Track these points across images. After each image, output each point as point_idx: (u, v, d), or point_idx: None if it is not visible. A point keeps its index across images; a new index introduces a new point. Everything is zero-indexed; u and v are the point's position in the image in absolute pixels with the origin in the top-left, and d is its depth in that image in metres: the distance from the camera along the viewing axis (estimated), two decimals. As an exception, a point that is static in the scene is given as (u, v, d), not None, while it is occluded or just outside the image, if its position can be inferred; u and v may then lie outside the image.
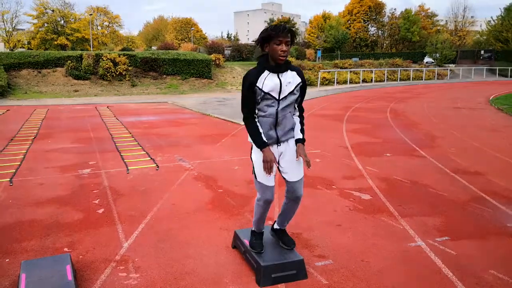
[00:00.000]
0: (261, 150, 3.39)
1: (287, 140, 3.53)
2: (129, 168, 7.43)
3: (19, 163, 7.84)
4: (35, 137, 10.73)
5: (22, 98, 22.91)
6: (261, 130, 3.42)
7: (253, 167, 3.54)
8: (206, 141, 10.15)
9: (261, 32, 3.31)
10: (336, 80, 34.53)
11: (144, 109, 18.03)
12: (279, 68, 3.32)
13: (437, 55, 54.05)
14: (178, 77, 30.23)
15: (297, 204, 3.68)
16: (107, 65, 27.30)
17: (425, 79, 42.51)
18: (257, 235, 3.83)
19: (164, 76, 30.02)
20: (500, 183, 6.43)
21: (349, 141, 10.01)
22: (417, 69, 44.59)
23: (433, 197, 5.76)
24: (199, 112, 16.43)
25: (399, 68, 41.61)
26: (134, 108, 18.64)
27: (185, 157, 8.34)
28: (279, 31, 3.18)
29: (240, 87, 3.81)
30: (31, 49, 55.00)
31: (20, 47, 60.67)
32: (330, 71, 35.88)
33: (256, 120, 3.46)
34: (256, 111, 3.46)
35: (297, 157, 3.47)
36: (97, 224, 4.85)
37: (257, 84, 3.31)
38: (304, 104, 3.62)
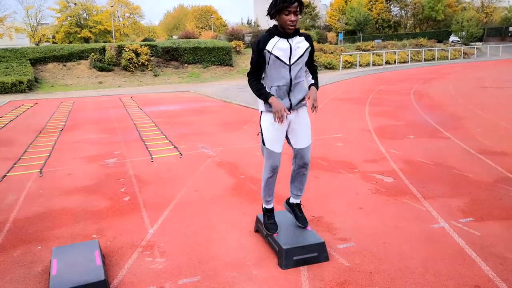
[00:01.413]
0: (268, 101, 3.44)
1: (297, 109, 3.61)
2: (153, 156, 7.56)
3: (48, 154, 8.05)
4: (62, 129, 10.98)
5: (49, 91, 23.38)
6: (263, 85, 3.53)
7: (261, 133, 3.62)
8: (228, 128, 10.22)
9: (271, 5, 3.34)
10: (359, 63, 34.12)
11: (166, 99, 18.20)
12: (288, 34, 3.39)
13: (463, 33, 52.67)
14: (199, 65, 30.34)
15: (306, 170, 3.76)
16: (129, 56, 27.57)
17: (450, 59, 41.57)
18: (268, 213, 3.88)
19: (186, 65, 30.17)
20: (527, 162, 6.32)
21: (371, 124, 9.94)
22: (442, 49, 43.60)
23: (457, 178, 5.70)
24: (221, 100, 16.49)
25: (423, 49, 40.78)
26: (157, 97, 18.83)
27: (208, 144, 8.43)
28: (287, 2, 3.22)
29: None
30: (56, 43, 55.87)
31: (45, 42, 61.66)
32: (352, 54, 35.45)
33: (262, 82, 3.56)
34: (270, 83, 3.52)
35: (307, 98, 3.52)
36: (123, 211, 4.97)
37: (267, 48, 3.38)
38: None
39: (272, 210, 3.91)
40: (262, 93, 3.47)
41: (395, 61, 37.09)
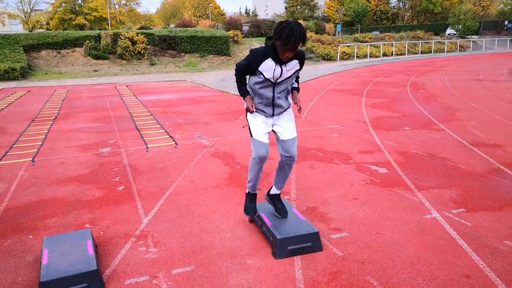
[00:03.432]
0: (243, 98, 3.68)
1: (279, 114, 3.78)
2: (148, 146, 7.54)
3: (41, 143, 8.02)
4: (56, 117, 10.92)
5: (42, 79, 23.21)
6: (246, 84, 3.73)
7: (249, 127, 3.75)
8: (224, 118, 10.20)
9: (275, 33, 3.30)
10: (356, 54, 34.05)
11: (163, 88, 18.12)
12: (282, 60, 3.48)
13: (460, 26, 52.62)
14: (196, 54, 30.20)
15: (291, 163, 3.84)
16: (125, 44, 27.40)
17: (447, 52, 41.56)
18: (251, 197, 4.01)
19: (183, 54, 30.03)
20: (521, 155, 6.35)
21: (368, 115, 9.94)
22: (439, 42, 43.57)
23: (450, 169, 5.72)
24: (218, 90, 16.44)
25: (420, 41, 40.75)
26: (153, 86, 18.75)
27: (204, 134, 8.41)
28: (289, 44, 3.24)
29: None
30: (50, 30, 55.38)
31: (39, 28, 61.13)
32: (350, 45, 35.36)
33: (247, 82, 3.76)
34: (253, 94, 3.70)
35: (292, 103, 3.68)
36: (117, 201, 4.96)
37: (259, 69, 3.50)
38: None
39: (255, 195, 4.04)
40: (241, 90, 3.69)
41: (392, 53, 37.05)
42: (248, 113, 3.77)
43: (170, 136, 8.25)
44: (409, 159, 6.29)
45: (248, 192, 4.02)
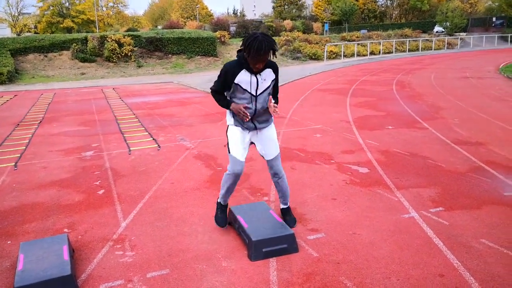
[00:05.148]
0: (229, 108, 3.75)
1: (262, 128, 3.87)
2: (130, 149, 7.51)
3: (24, 147, 7.96)
4: (41, 121, 10.84)
5: (30, 82, 23.04)
6: (225, 96, 3.80)
7: (228, 142, 3.84)
8: (208, 120, 10.18)
9: (244, 45, 3.43)
10: (343, 53, 34.14)
11: (149, 90, 18.05)
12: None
13: (447, 24, 52.97)
14: (183, 56, 30.11)
15: (281, 177, 3.98)
16: (112, 47, 27.25)
17: (434, 49, 41.80)
18: (221, 207, 4.10)
19: (170, 55, 29.92)
20: (501, 153, 6.40)
21: (352, 115, 9.97)
22: (426, 39, 43.84)
23: (431, 168, 5.76)
24: (204, 91, 16.39)
25: (408, 39, 40.96)
26: (139, 89, 18.67)
27: (187, 136, 8.39)
28: (259, 56, 3.38)
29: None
30: (38, 33, 55.00)
31: (27, 32, 60.76)
32: (337, 44, 35.45)
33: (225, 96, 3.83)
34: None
35: (269, 104, 3.70)
36: (97, 205, 4.94)
37: (235, 81, 3.61)
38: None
39: (226, 206, 4.16)
40: (224, 102, 3.75)
41: (379, 52, 37.21)
42: (229, 130, 3.87)
43: (153, 139, 8.22)
44: (390, 158, 6.32)
45: (219, 202, 4.12)
